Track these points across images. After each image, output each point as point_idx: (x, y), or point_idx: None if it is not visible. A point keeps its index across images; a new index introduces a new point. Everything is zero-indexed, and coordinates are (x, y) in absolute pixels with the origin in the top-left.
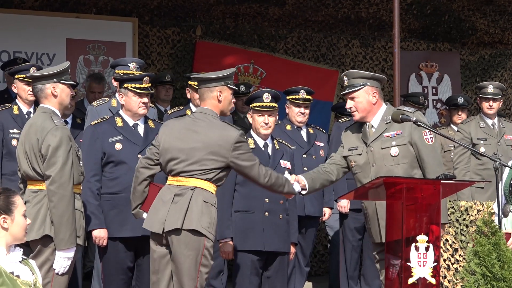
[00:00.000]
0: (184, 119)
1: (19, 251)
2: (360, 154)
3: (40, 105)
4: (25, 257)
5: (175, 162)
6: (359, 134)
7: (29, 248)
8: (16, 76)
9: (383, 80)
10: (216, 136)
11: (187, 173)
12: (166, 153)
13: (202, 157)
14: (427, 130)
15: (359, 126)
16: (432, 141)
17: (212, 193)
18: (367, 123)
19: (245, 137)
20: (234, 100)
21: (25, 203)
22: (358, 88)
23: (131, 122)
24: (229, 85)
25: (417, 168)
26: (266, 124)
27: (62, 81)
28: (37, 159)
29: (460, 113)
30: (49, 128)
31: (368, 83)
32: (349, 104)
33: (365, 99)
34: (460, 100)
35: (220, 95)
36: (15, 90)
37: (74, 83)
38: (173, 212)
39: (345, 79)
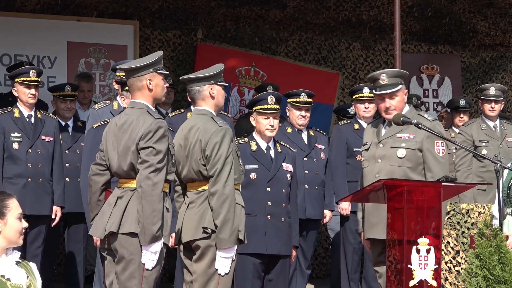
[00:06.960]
0: (119, 116)
1: (16, 254)
2: (367, 150)
3: (197, 107)
4: (22, 260)
5: (114, 164)
6: (375, 129)
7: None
8: (16, 80)
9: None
10: (140, 131)
11: (126, 173)
12: (107, 156)
13: (132, 156)
14: (440, 141)
15: (380, 122)
16: (443, 152)
17: None
18: (387, 121)
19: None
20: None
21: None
22: (398, 88)
23: None
24: (158, 71)
25: (420, 175)
26: (272, 126)
27: (219, 83)
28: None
29: (462, 115)
30: (213, 129)
31: (403, 82)
32: (388, 103)
33: (402, 99)
34: (462, 102)
35: (150, 83)
36: (15, 94)
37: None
38: (113, 215)
39: (384, 76)
